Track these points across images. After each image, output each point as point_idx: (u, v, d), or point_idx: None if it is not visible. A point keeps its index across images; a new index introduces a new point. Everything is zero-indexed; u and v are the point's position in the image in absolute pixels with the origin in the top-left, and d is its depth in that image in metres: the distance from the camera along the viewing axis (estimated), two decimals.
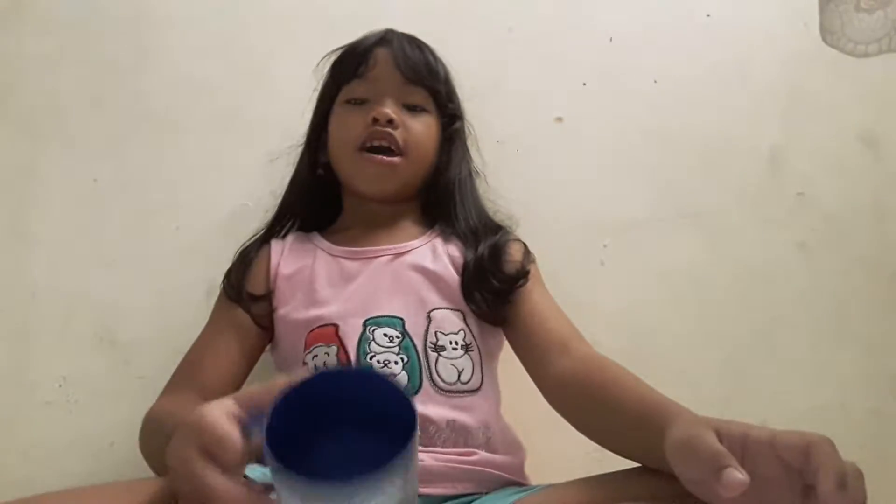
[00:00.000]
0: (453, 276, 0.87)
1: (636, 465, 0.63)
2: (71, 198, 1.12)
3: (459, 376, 0.80)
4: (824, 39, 0.88)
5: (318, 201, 0.99)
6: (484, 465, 0.75)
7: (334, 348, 0.80)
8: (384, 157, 0.89)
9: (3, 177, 1.12)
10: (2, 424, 1.04)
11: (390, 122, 0.89)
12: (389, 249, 0.89)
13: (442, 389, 0.79)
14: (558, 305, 0.88)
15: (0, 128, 1.13)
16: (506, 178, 1.06)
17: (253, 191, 1.10)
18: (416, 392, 0.77)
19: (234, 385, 0.84)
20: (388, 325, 0.81)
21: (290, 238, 0.95)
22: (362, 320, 0.81)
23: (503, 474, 0.77)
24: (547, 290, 0.91)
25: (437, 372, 0.79)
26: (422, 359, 0.80)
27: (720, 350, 1.15)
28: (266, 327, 0.89)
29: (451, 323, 0.83)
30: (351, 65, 0.94)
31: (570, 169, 1.19)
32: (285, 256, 0.91)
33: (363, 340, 0.80)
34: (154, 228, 1.12)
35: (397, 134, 0.89)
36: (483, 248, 0.88)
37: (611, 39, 1.23)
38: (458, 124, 0.99)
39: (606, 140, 1.21)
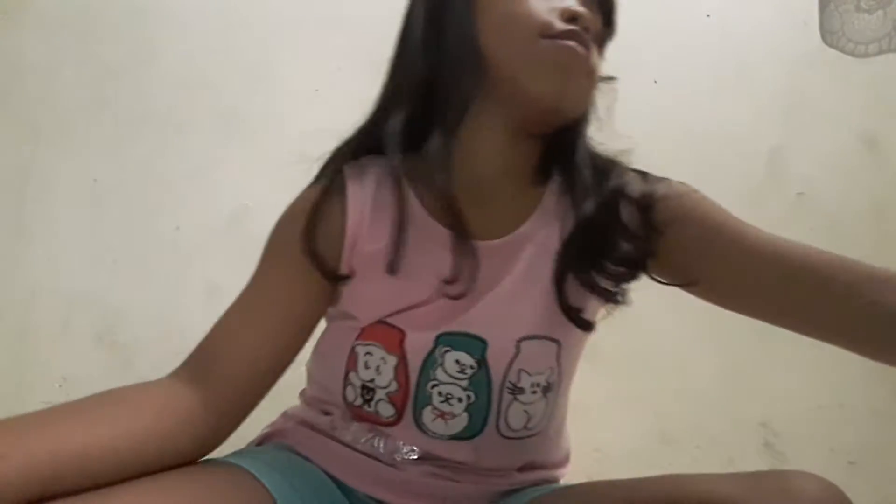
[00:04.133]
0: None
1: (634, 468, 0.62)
2: (71, 198, 1.12)
3: (527, 423, 0.66)
4: (824, 39, 0.88)
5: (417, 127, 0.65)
6: (520, 484, 0.68)
7: (394, 360, 0.64)
8: (583, 48, 0.62)
9: (3, 177, 1.12)
10: None
11: (587, 29, 0.62)
12: (500, 229, 0.66)
13: (504, 436, 0.65)
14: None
15: (0, 128, 1.13)
16: None
17: (253, 191, 1.10)
18: (474, 437, 0.64)
19: (268, 380, 0.63)
20: (465, 350, 0.63)
21: (370, 179, 0.66)
22: (435, 334, 0.63)
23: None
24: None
25: (505, 418, 0.65)
26: (494, 402, 0.64)
27: (720, 350, 1.15)
28: (333, 300, 0.67)
29: (541, 360, 0.65)
30: None
31: None
32: (367, 218, 0.64)
33: (429, 363, 0.63)
34: (154, 228, 1.12)
35: (592, 54, 0.64)
36: (593, 203, 0.65)
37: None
38: (606, 46, 0.73)
39: (606, 140, 1.20)
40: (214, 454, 0.60)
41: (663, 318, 1.15)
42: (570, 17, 0.61)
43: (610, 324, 0.72)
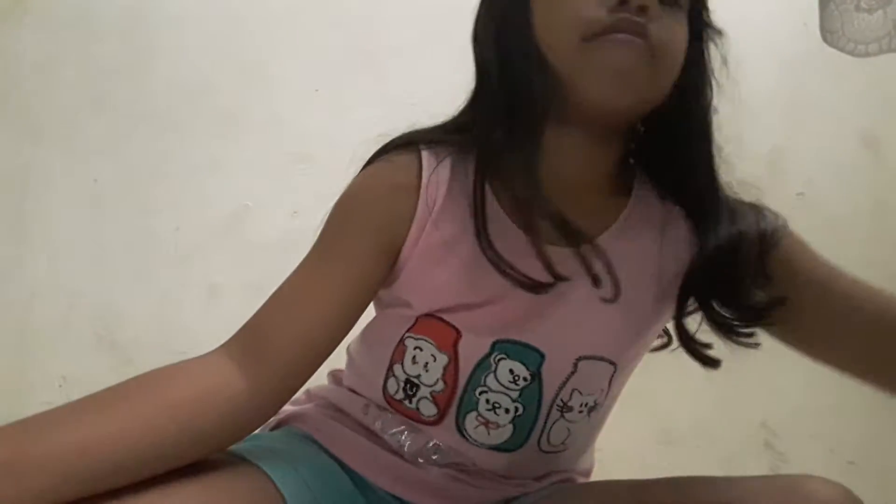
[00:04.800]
0: (651, 284, 0.62)
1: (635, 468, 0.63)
2: (71, 198, 1.12)
3: (566, 439, 0.64)
4: (824, 39, 0.88)
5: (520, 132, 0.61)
6: (535, 489, 0.67)
7: (445, 359, 0.61)
8: (637, 39, 0.56)
9: (3, 177, 1.12)
10: (1, 424, 1.04)
11: (643, 9, 0.56)
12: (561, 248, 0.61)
13: (543, 451, 0.64)
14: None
15: (0, 128, 1.14)
16: None
17: (253, 191, 1.10)
18: (513, 450, 0.62)
19: (317, 362, 0.59)
20: (520, 360, 0.60)
21: (446, 164, 0.62)
22: (492, 340, 0.60)
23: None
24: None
25: (548, 434, 0.63)
26: (541, 417, 0.62)
27: (720, 350, 1.15)
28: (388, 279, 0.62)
29: (595, 381, 0.63)
30: None
31: None
32: (440, 203, 0.60)
33: (482, 368, 0.61)
34: (154, 228, 1.12)
35: (653, 28, 0.57)
36: (741, 232, 0.62)
37: None
38: (712, 35, 0.69)
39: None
40: None
41: None
42: (617, 4, 0.55)
43: (674, 349, 0.71)
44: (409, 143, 0.63)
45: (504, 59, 0.62)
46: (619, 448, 1.09)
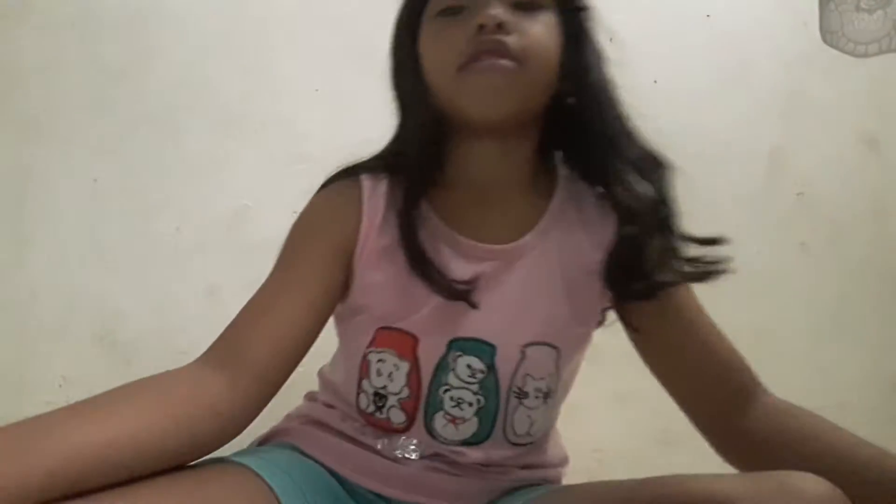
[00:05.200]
0: (586, 265, 0.67)
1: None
2: (71, 198, 1.12)
3: (531, 428, 0.69)
4: (824, 39, 0.88)
5: (432, 151, 0.71)
6: (521, 481, 0.70)
7: (407, 366, 0.67)
8: (496, 60, 0.64)
9: (3, 177, 1.12)
10: (1, 424, 1.04)
11: (500, 26, 0.64)
12: (500, 237, 0.68)
13: (510, 442, 0.69)
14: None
15: (0, 128, 1.13)
16: None
17: (253, 191, 1.10)
18: (481, 443, 0.67)
19: (289, 365, 0.64)
20: (475, 354, 0.66)
21: (384, 183, 0.70)
22: (447, 339, 0.66)
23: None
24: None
25: (512, 423, 0.68)
26: (501, 406, 0.67)
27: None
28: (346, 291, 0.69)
29: (543, 366, 0.68)
30: None
31: None
32: (380, 216, 0.69)
33: (442, 367, 0.66)
34: (154, 228, 1.12)
35: (511, 41, 0.64)
36: (652, 199, 0.67)
37: (611, 39, 1.23)
38: (585, 14, 0.74)
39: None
40: (217, 453, 0.60)
41: None
42: (478, 27, 0.64)
43: (610, 324, 0.72)
44: (350, 171, 0.72)
45: (401, 96, 0.73)
46: (619, 448, 1.09)
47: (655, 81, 1.22)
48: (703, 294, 1.15)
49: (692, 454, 1.13)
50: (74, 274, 1.10)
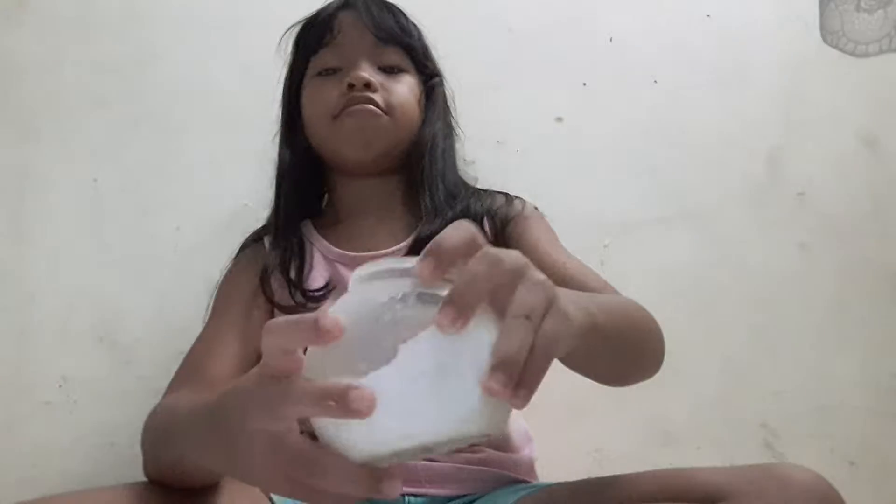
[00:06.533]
0: None
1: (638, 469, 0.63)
2: (71, 198, 1.12)
3: None
4: (824, 39, 0.88)
5: (309, 189, 0.93)
6: (491, 464, 0.74)
7: None
8: (366, 106, 0.81)
9: (3, 177, 1.12)
10: (2, 424, 1.04)
11: (368, 85, 0.81)
12: (378, 252, 0.83)
13: None
14: (580, 261, 0.81)
15: (0, 128, 1.13)
16: (506, 178, 1.06)
17: (253, 191, 1.10)
18: None
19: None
20: None
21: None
22: None
23: (509, 473, 0.76)
24: (560, 245, 0.84)
25: None
26: None
27: (720, 350, 1.15)
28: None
29: None
30: (315, 34, 0.89)
31: (570, 169, 1.19)
32: (276, 260, 0.86)
33: None
34: (154, 228, 1.12)
35: (378, 97, 0.82)
36: (444, 219, 0.79)
37: (611, 39, 1.23)
38: (436, 80, 0.93)
39: (606, 140, 1.21)
40: None
41: (663, 317, 1.15)
42: (348, 85, 0.81)
43: None
44: (254, 237, 0.93)
45: (286, 146, 0.93)
46: (619, 448, 1.09)
47: (655, 81, 1.22)
48: (703, 294, 1.16)
49: (692, 454, 1.13)
50: (74, 274, 1.09)
